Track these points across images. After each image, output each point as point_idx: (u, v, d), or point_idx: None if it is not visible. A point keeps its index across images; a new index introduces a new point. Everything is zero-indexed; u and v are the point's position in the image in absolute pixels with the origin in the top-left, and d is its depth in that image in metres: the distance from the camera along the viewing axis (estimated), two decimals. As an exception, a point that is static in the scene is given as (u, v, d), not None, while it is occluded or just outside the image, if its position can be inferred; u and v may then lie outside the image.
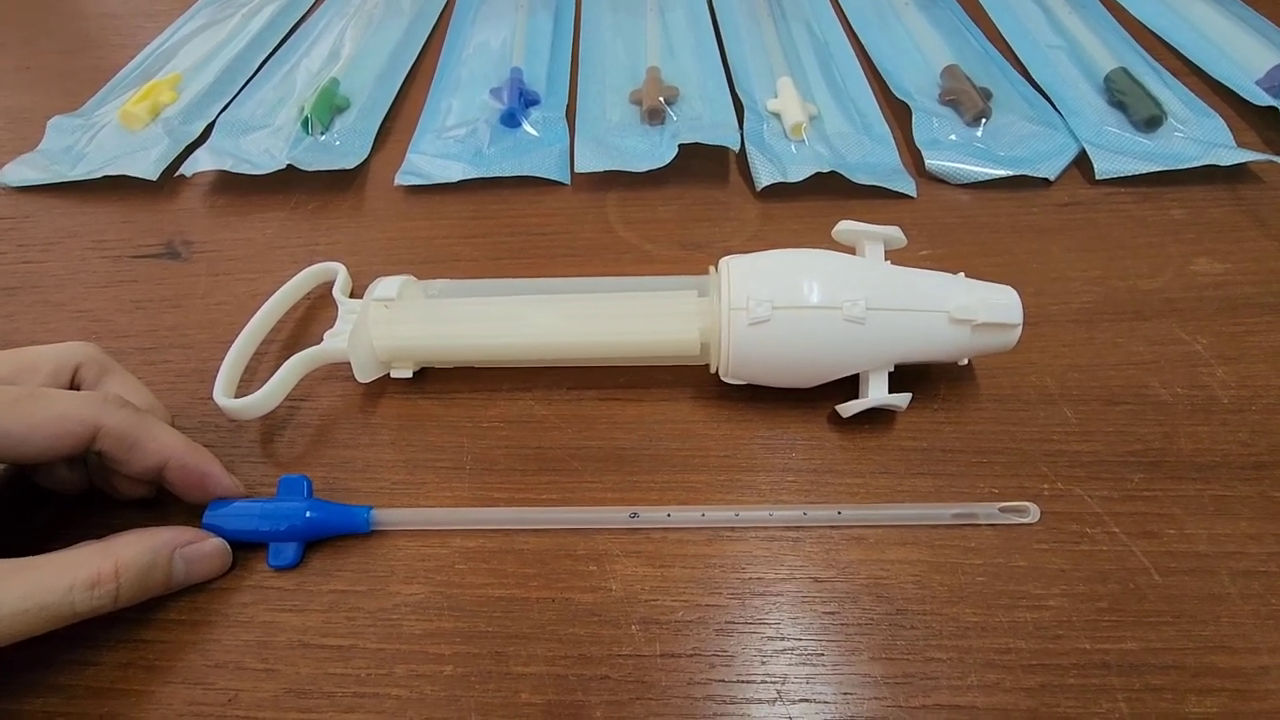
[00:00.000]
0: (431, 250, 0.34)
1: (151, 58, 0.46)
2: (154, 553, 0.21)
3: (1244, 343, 0.28)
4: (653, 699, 0.21)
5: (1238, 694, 0.20)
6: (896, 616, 0.22)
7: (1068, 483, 0.25)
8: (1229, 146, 0.35)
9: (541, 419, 0.27)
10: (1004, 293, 0.25)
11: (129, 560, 0.20)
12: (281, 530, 0.23)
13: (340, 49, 0.45)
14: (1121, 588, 0.22)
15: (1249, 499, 0.24)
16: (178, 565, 0.21)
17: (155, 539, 0.21)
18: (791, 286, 0.24)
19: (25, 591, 0.18)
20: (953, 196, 0.35)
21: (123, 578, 0.20)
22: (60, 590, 0.18)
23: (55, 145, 0.40)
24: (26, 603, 0.18)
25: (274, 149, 0.38)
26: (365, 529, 0.24)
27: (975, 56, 0.42)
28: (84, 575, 0.19)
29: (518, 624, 0.22)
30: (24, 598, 0.18)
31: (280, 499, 0.24)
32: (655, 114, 0.38)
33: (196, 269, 0.34)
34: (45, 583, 0.18)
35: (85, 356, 0.23)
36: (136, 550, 0.20)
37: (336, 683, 0.21)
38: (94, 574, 0.19)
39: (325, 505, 0.24)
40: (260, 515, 0.23)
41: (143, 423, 0.22)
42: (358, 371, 0.26)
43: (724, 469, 0.25)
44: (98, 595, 0.19)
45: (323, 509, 0.23)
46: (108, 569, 0.19)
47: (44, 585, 0.18)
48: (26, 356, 0.23)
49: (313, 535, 0.23)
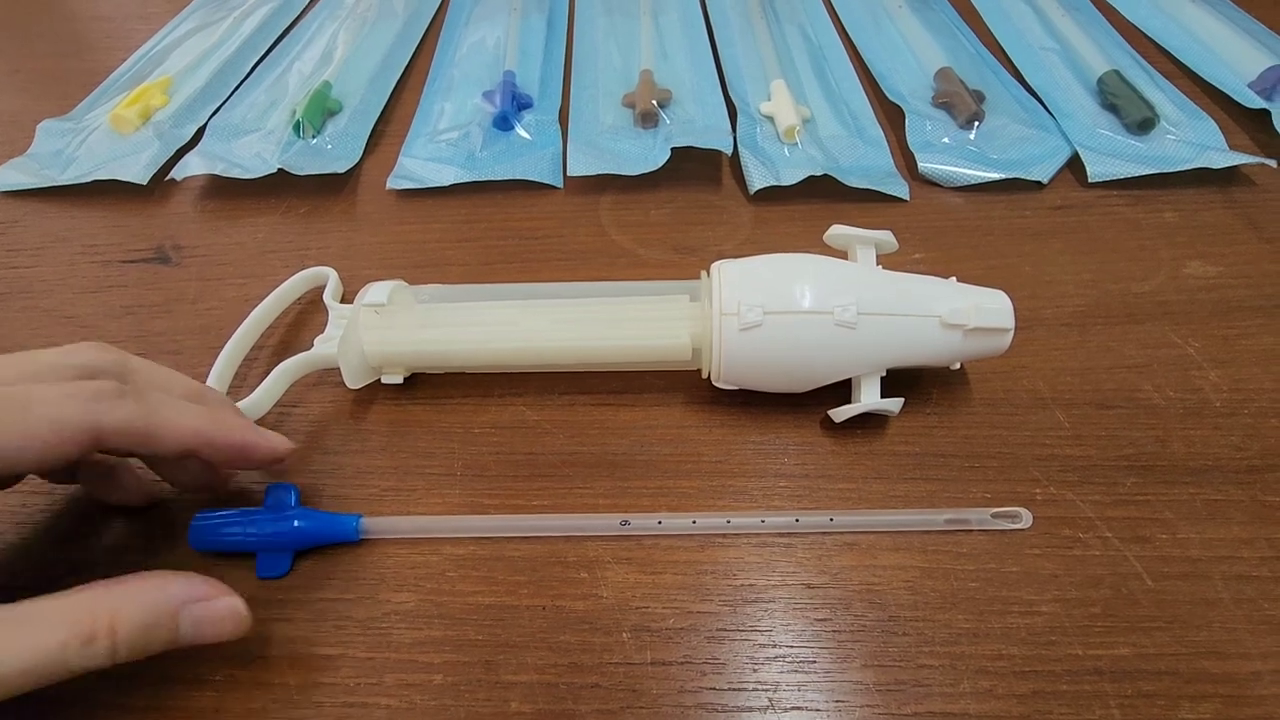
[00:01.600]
0: (423, 255, 0.34)
1: (143, 61, 0.46)
2: (158, 608, 0.18)
3: (1236, 346, 0.28)
4: (644, 707, 0.20)
5: (1230, 700, 0.20)
6: (889, 623, 0.22)
7: (1060, 487, 0.24)
8: (1221, 149, 0.35)
9: (533, 425, 0.27)
10: (996, 297, 0.25)
11: (127, 617, 0.18)
12: (270, 540, 0.23)
13: (332, 52, 0.45)
14: (1114, 593, 0.22)
15: (1241, 503, 0.24)
16: (184, 627, 0.19)
17: (163, 591, 0.19)
18: (783, 291, 0.24)
19: (16, 650, 0.16)
20: (946, 199, 0.35)
21: (120, 635, 0.17)
22: (53, 649, 0.17)
23: (45, 149, 0.40)
24: (17, 662, 0.16)
25: (265, 153, 0.38)
26: (354, 538, 0.24)
27: (968, 59, 0.42)
28: (80, 630, 0.17)
29: (508, 632, 0.22)
30: (14, 657, 0.16)
31: (268, 508, 0.24)
32: (648, 117, 0.38)
33: (187, 274, 0.34)
34: (38, 641, 0.17)
35: (96, 362, 0.20)
36: (140, 604, 0.18)
37: (325, 692, 0.21)
38: (88, 630, 0.17)
39: (314, 514, 0.23)
40: (248, 525, 0.23)
41: (151, 412, 0.19)
42: (348, 377, 0.26)
43: (716, 474, 0.25)
44: (92, 653, 0.17)
45: (311, 518, 0.23)
46: (103, 625, 0.17)
47: (36, 644, 0.17)
48: (26, 365, 0.20)
49: (302, 545, 0.23)
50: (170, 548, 0.24)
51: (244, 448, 0.22)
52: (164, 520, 0.25)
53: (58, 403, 0.18)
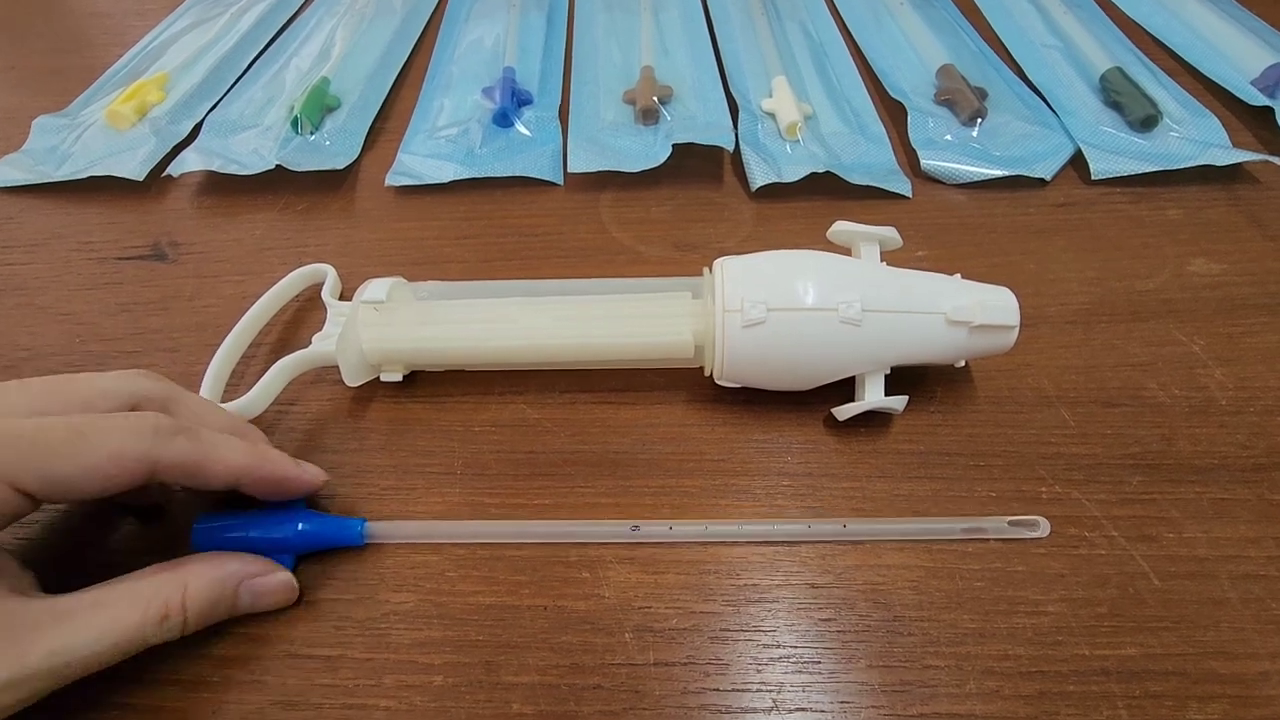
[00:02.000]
0: (422, 252, 0.34)
1: (139, 57, 0.46)
2: (222, 584, 0.21)
3: (1241, 344, 0.28)
4: (646, 709, 0.20)
5: (1238, 700, 0.20)
6: (894, 623, 0.21)
7: (1065, 486, 0.24)
8: (1225, 146, 0.35)
9: (534, 423, 0.27)
10: (1001, 294, 0.25)
11: (197, 592, 0.20)
12: (273, 544, 0.22)
13: (331, 48, 0.45)
14: (1121, 593, 0.22)
15: (1248, 502, 0.24)
16: (244, 598, 0.21)
17: (223, 569, 0.21)
18: (786, 288, 0.24)
19: (100, 631, 0.18)
20: (948, 197, 0.35)
21: (190, 610, 0.20)
22: (133, 627, 0.19)
23: (40, 145, 0.40)
24: (102, 643, 0.18)
25: (263, 149, 0.38)
26: (359, 542, 0.23)
27: (970, 56, 0.42)
28: (155, 609, 0.19)
29: (509, 632, 0.22)
30: (99, 638, 0.18)
31: (272, 510, 0.23)
32: (649, 114, 0.38)
33: (184, 271, 0.33)
34: (119, 621, 0.18)
35: (144, 391, 0.21)
36: (206, 581, 0.20)
37: (324, 694, 0.21)
38: (163, 607, 0.19)
39: (318, 518, 0.23)
40: (252, 528, 0.23)
41: (202, 449, 0.20)
42: (346, 375, 0.26)
43: (719, 473, 0.25)
44: (167, 628, 0.19)
45: (315, 521, 0.23)
46: (176, 602, 0.19)
47: (118, 624, 0.18)
48: (79, 389, 0.20)
49: (305, 548, 0.23)
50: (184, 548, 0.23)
51: (284, 481, 0.22)
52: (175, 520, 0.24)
53: (119, 437, 0.19)
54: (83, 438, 0.18)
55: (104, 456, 0.18)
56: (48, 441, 0.18)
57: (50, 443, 0.18)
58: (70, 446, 0.18)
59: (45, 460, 0.18)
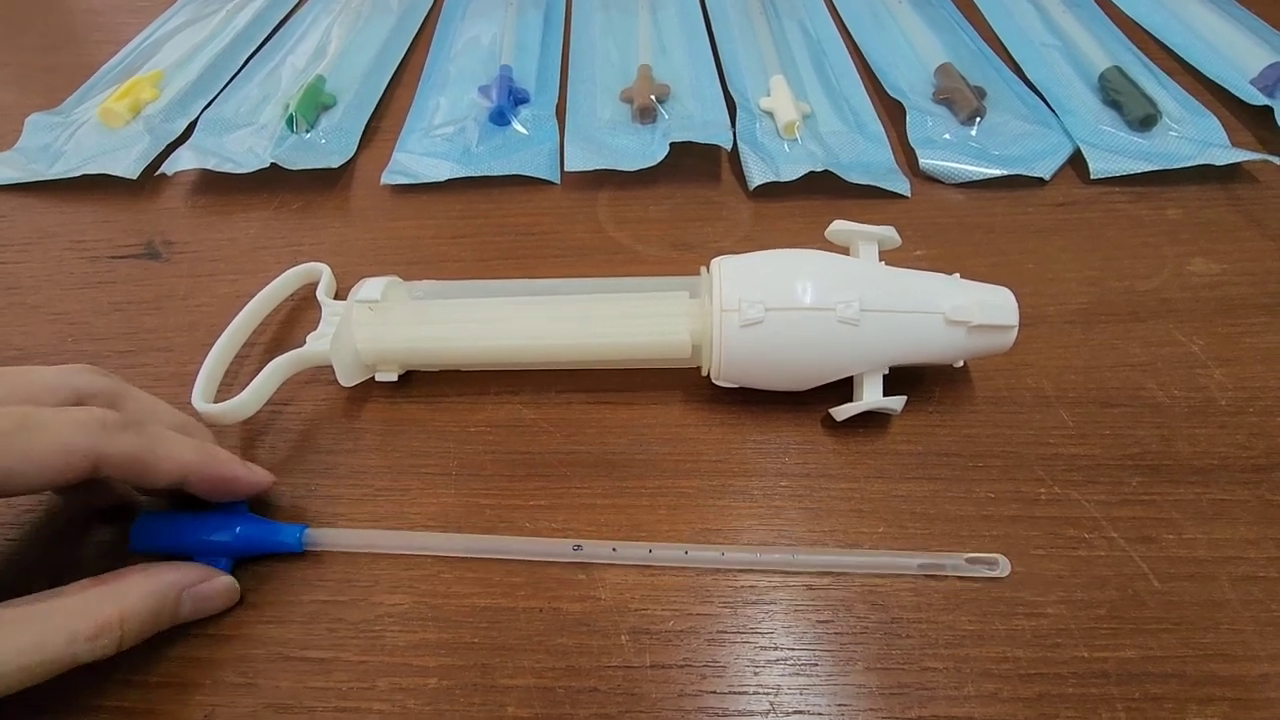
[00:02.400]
0: (418, 251, 0.33)
1: (133, 54, 0.46)
2: (162, 596, 0.20)
3: (1240, 344, 0.28)
4: (643, 711, 0.20)
5: (1238, 703, 0.20)
6: (891, 625, 0.21)
7: (1064, 486, 0.24)
8: (1224, 146, 0.35)
9: (530, 423, 0.27)
10: (1000, 294, 0.25)
11: (133, 607, 0.19)
12: (211, 546, 0.22)
13: (326, 46, 0.45)
14: (1120, 594, 0.22)
15: (1248, 503, 0.24)
16: (185, 605, 0.21)
17: (162, 580, 0.20)
18: (784, 287, 0.24)
19: (26, 644, 0.17)
20: (947, 196, 0.35)
21: (127, 626, 0.19)
22: (61, 643, 0.18)
23: (33, 143, 0.39)
24: (26, 657, 0.17)
25: (258, 147, 0.37)
26: (298, 549, 0.23)
27: (969, 55, 0.42)
28: (86, 625, 0.18)
29: (504, 635, 0.21)
30: (24, 651, 0.17)
31: (213, 513, 0.23)
32: (647, 112, 0.38)
33: (177, 270, 0.33)
34: (46, 635, 0.18)
35: (91, 387, 0.21)
36: (142, 594, 0.19)
37: (317, 697, 0.20)
38: (97, 624, 0.18)
39: (258, 522, 0.23)
40: (190, 530, 0.22)
41: (149, 444, 0.20)
42: (341, 375, 0.26)
43: (716, 474, 0.25)
44: (101, 645, 0.18)
45: (255, 525, 0.23)
46: (112, 618, 0.18)
47: (45, 638, 0.17)
48: (23, 382, 0.20)
49: (244, 552, 0.23)
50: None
51: (231, 481, 0.22)
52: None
53: (65, 430, 0.18)
54: (26, 430, 0.18)
55: (49, 449, 0.18)
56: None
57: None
58: (13, 439, 0.17)
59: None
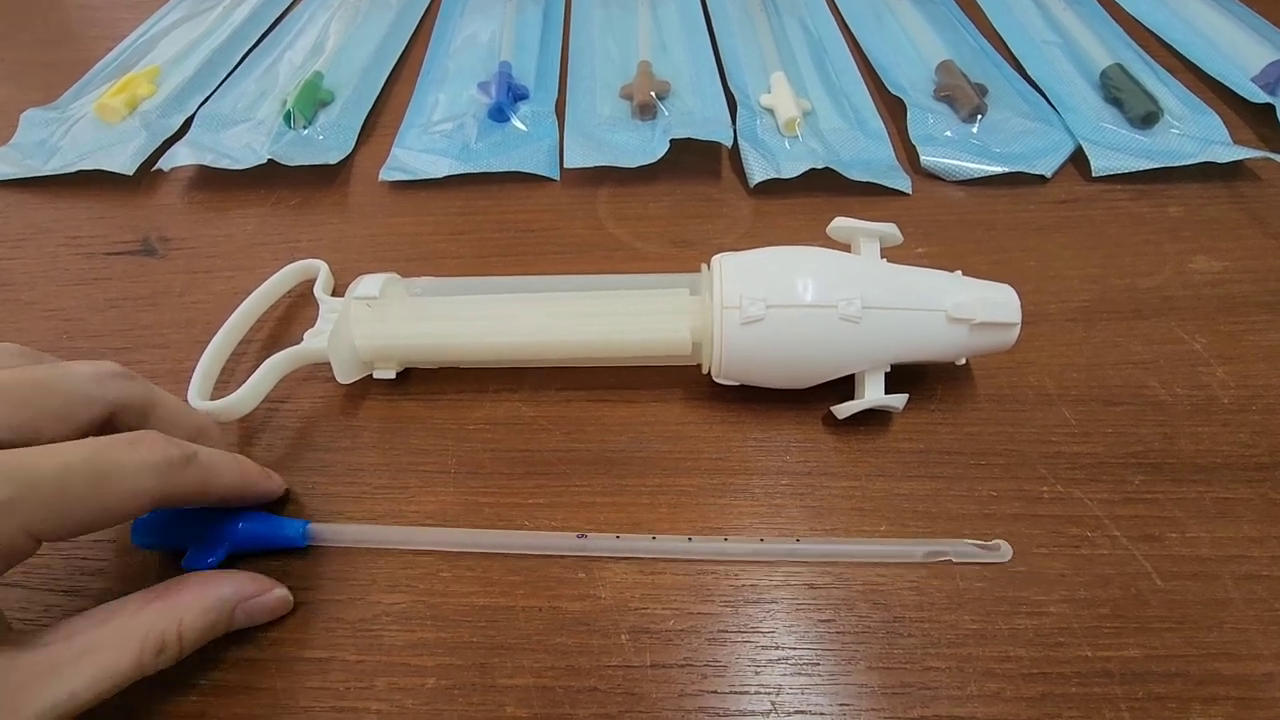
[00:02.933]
0: (417, 247, 0.33)
1: (130, 50, 0.45)
2: (218, 612, 0.20)
3: (1243, 342, 0.28)
4: (643, 711, 0.20)
5: (1242, 702, 0.20)
6: (894, 624, 0.21)
7: (1067, 485, 0.24)
8: (1226, 143, 0.35)
9: (529, 421, 0.26)
10: (1002, 291, 0.24)
11: (192, 623, 0.19)
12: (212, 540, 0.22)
13: (324, 42, 0.44)
14: (1123, 593, 0.22)
15: (1251, 501, 0.23)
16: (238, 618, 0.21)
17: (219, 594, 0.20)
18: (786, 284, 0.23)
19: (95, 677, 0.17)
20: (948, 193, 0.35)
21: (185, 640, 0.19)
22: (130, 667, 0.18)
23: (28, 139, 0.39)
24: (98, 687, 0.18)
25: (255, 143, 0.37)
26: (301, 544, 0.23)
27: (970, 52, 0.42)
28: (151, 644, 0.18)
29: (503, 634, 0.21)
30: (95, 683, 0.17)
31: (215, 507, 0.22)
32: (646, 109, 0.38)
33: (174, 266, 0.33)
34: (116, 664, 0.18)
35: (124, 396, 0.20)
36: (200, 611, 0.20)
37: (314, 696, 0.20)
38: (159, 641, 0.19)
39: (259, 517, 0.23)
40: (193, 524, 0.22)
41: (206, 477, 0.20)
42: (339, 372, 0.25)
43: (716, 472, 0.25)
44: (163, 659, 0.19)
45: (256, 520, 0.22)
46: (172, 634, 0.19)
47: (115, 667, 0.18)
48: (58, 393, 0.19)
49: (245, 547, 0.22)
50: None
51: (260, 496, 0.23)
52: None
53: (137, 477, 0.18)
54: (105, 480, 0.17)
55: (122, 499, 0.18)
56: (71, 487, 0.17)
57: (73, 488, 0.17)
58: (92, 490, 0.17)
59: (67, 507, 0.17)
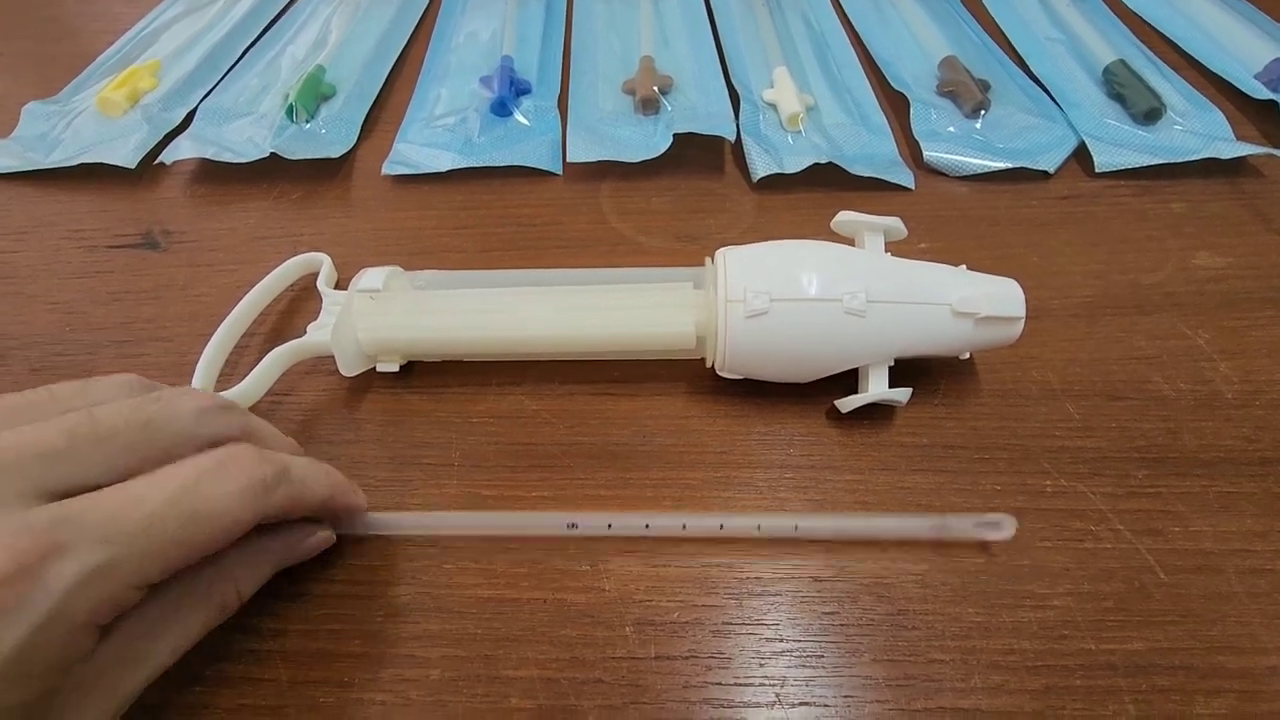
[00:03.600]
0: (419, 241, 0.33)
1: (131, 43, 0.45)
2: (269, 567, 0.21)
3: (1246, 337, 0.28)
4: (648, 703, 0.20)
5: (1246, 695, 0.20)
6: (898, 617, 0.21)
7: (1071, 479, 0.24)
8: (1229, 140, 0.35)
9: (532, 414, 0.26)
10: (1006, 285, 0.24)
11: (249, 581, 0.20)
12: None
13: (326, 36, 0.44)
14: (1127, 586, 0.22)
15: (1254, 495, 0.24)
16: (285, 561, 0.21)
17: (267, 552, 0.21)
18: (790, 278, 0.23)
19: (175, 644, 0.18)
20: (951, 189, 0.35)
21: (243, 596, 0.20)
22: (197, 630, 0.19)
23: (30, 132, 0.39)
24: (176, 654, 0.18)
25: (257, 137, 0.37)
26: None
27: (973, 48, 0.42)
28: (215, 607, 0.19)
29: (508, 626, 0.21)
30: (175, 650, 0.18)
31: None
32: (649, 103, 0.38)
33: (176, 260, 0.33)
34: (188, 629, 0.19)
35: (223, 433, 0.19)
36: (252, 570, 0.20)
37: (318, 688, 0.20)
38: (222, 605, 0.19)
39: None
40: None
41: (301, 493, 0.20)
42: (342, 365, 0.25)
43: (720, 465, 0.25)
44: (224, 616, 0.20)
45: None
46: (231, 597, 0.20)
47: (187, 632, 0.19)
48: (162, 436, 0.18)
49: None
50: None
51: (348, 509, 0.22)
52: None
53: (232, 506, 0.18)
54: (197, 519, 0.17)
55: (218, 531, 0.17)
56: (163, 533, 0.16)
57: (166, 532, 0.17)
58: (185, 531, 0.17)
59: (162, 553, 0.17)
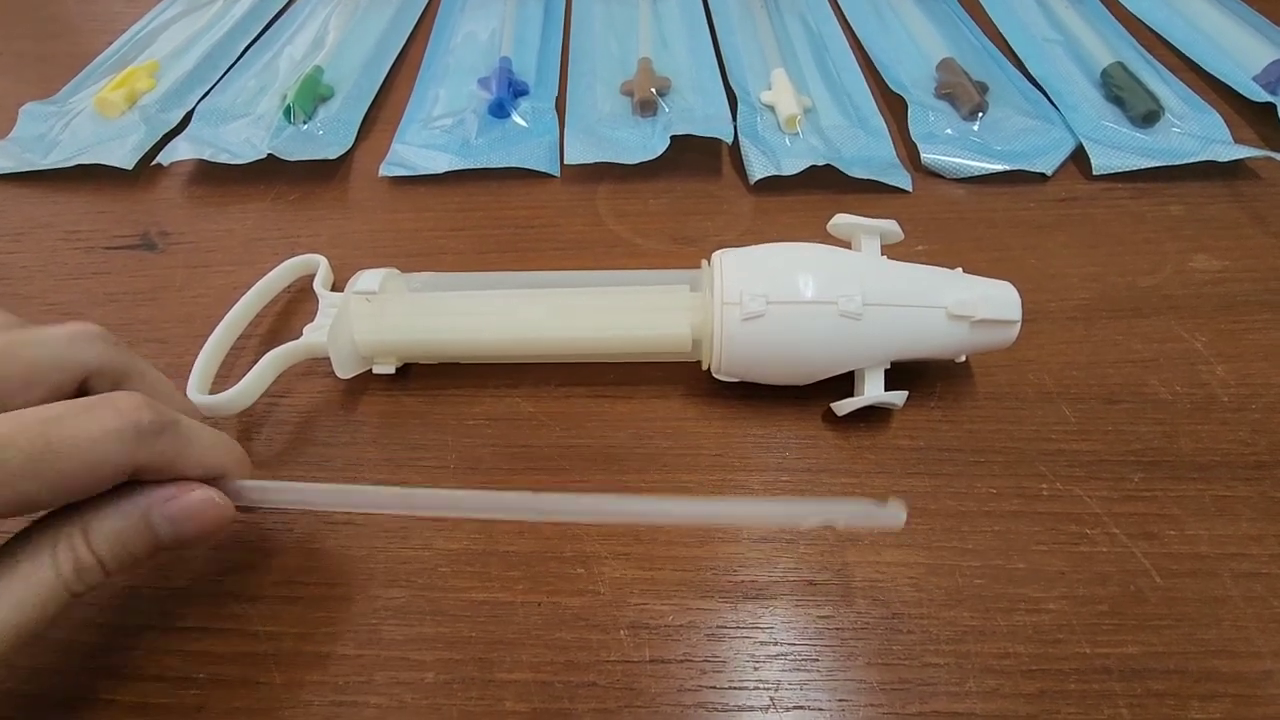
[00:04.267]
0: (416, 243, 0.33)
1: (129, 44, 0.45)
2: (126, 515, 0.17)
3: (1243, 340, 0.28)
4: (642, 706, 0.20)
5: (1241, 699, 0.20)
6: (893, 620, 0.21)
7: (1066, 482, 0.24)
8: (1226, 143, 0.35)
9: (529, 417, 0.26)
10: (1003, 288, 0.24)
11: (99, 529, 0.17)
12: None
13: (324, 37, 0.44)
14: (1122, 590, 0.22)
15: (1250, 499, 0.23)
16: (162, 528, 0.18)
17: (123, 497, 0.18)
18: (786, 281, 0.23)
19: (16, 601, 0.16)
20: (949, 191, 0.35)
21: (99, 550, 0.17)
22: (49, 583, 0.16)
23: (27, 133, 0.39)
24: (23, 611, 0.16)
25: (255, 138, 0.37)
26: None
27: (971, 50, 0.42)
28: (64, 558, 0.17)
29: (502, 629, 0.21)
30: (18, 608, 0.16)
31: None
32: (647, 105, 0.38)
33: (173, 261, 0.33)
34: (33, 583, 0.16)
35: (100, 361, 0.18)
36: (104, 514, 0.17)
37: (312, 691, 0.20)
38: (71, 555, 0.17)
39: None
40: None
41: (184, 448, 0.18)
42: (338, 367, 0.25)
43: (716, 468, 0.25)
44: (87, 577, 0.17)
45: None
46: (80, 545, 0.17)
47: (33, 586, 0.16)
48: (24, 356, 0.17)
49: None
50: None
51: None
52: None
53: (96, 445, 0.16)
54: (51, 450, 0.15)
55: (80, 469, 0.16)
56: (6, 461, 0.15)
57: (10, 461, 0.15)
58: (36, 464, 0.15)
59: (5, 482, 0.15)
